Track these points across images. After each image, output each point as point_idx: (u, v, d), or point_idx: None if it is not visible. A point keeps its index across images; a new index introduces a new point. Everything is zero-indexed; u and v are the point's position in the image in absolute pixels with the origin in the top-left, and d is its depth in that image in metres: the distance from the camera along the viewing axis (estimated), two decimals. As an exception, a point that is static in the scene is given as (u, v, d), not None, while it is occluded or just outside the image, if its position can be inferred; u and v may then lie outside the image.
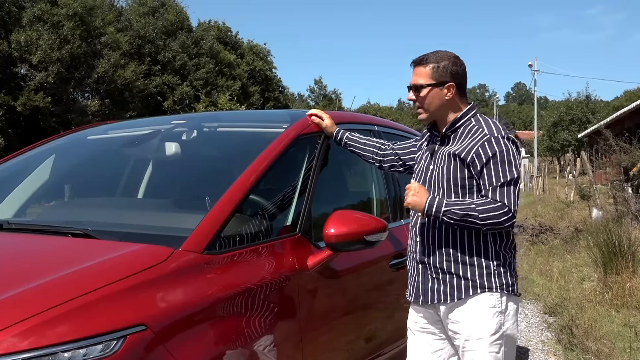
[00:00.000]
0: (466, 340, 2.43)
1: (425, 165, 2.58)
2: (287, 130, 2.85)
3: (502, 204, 2.30)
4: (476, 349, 2.41)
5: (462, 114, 2.49)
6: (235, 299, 2.17)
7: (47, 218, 2.97)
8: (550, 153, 46.14)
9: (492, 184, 2.33)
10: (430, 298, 2.50)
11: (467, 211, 2.30)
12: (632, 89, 66.06)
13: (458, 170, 2.41)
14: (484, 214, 2.28)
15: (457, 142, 2.46)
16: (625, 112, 24.97)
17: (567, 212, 15.02)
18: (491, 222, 2.29)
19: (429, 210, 2.34)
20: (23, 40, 23.22)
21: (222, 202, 2.36)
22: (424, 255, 2.51)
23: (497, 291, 2.41)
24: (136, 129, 3.65)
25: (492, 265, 2.41)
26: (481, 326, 2.41)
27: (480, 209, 2.29)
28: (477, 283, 2.40)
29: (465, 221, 2.31)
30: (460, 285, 2.42)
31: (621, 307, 6.19)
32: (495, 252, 2.42)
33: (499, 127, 2.46)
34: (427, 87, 2.46)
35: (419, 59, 2.51)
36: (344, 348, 2.81)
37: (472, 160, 2.37)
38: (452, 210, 2.31)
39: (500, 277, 2.42)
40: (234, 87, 34.20)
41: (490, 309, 2.41)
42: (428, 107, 2.49)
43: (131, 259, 2.06)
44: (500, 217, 2.29)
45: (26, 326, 1.70)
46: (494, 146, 2.36)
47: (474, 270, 2.41)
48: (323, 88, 59.62)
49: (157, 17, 32.22)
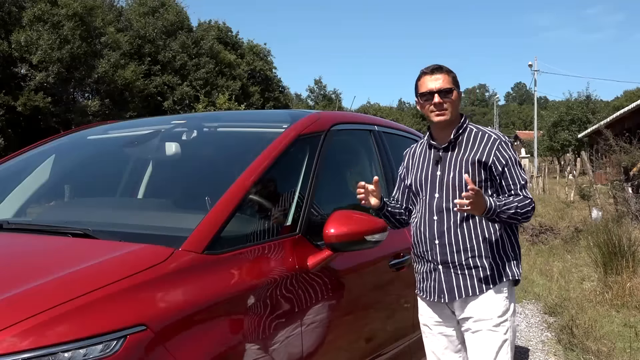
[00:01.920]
0: (475, 321, 2.66)
1: (430, 172, 2.75)
2: (287, 130, 2.85)
3: (531, 199, 2.63)
4: (484, 329, 2.65)
5: (463, 121, 2.75)
6: (236, 299, 2.17)
7: (47, 218, 2.97)
8: (551, 153, 46.10)
9: (517, 184, 2.64)
10: (457, 294, 2.68)
11: (513, 209, 2.57)
12: (632, 89, 66.12)
13: (476, 174, 2.64)
14: (523, 210, 2.59)
15: (469, 148, 2.68)
16: (626, 112, 24.98)
17: (567, 212, 15.03)
18: (526, 215, 2.62)
19: (488, 212, 2.53)
20: (23, 40, 23.20)
21: (222, 202, 2.36)
22: (446, 256, 2.68)
23: (510, 279, 2.69)
24: (136, 129, 3.65)
25: (511, 257, 2.70)
26: (490, 308, 2.65)
27: (520, 205, 2.58)
28: (501, 272, 2.67)
29: (513, 218, 2.59)
30: (485, 277, 2.64)
31: (621, 307, 6.19)
32: (511, 246, 2.72)
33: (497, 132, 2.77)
34: (455, 90, 2.71)
35: (438, 67, 2.74)
36: (345, 348, 2.81)
37: (493, 163, 2.64)
38: (504, 210, 2.55)
39: (518, 267, 2.73)
40: (234, 87, 34.19)
41: (499, 294, 2.66)
42: (453, 110, 2.71)
43: (131, 259, 2.06)
44: (531, 210, 2.63)
45: (26, 326, 1.69)
46: (508, 150, 2.67)
47: (498, 263, 2.67)
48: (323, 88, 59.55)
49: (157, 17, 32.21)
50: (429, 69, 2.73)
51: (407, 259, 3.22)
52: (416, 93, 2.77)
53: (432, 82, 2.69)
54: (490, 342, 2.65)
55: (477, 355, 2.67)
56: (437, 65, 2.74)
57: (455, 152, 2.70)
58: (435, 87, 2.67)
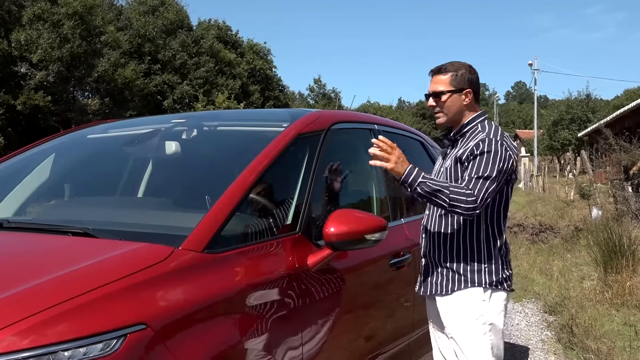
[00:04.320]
0: (452, 325, 2.68)
1: (438, 167, 2.85)
2: (287, 129, 2.85)
3: (472, 193, 2.47)
4: (460, 332, 2.65)
5: (469, 120, 2.71)
6: (236, 298, 2.17)
7: (47, 217, 2.96)
8: (551, 152, 46.06)
9: (470, 175, 2.52)
10: (429, 289, 2.77)
11: (439, 187, 2.45)
12: (632, 88, 66.11)
13: (459, 172, 2.62)
14: (453, 195, 2.44)
15: (462, 146, 2.68)
16: (626, 111, 24.96)
17: (567, 211, 15.03)
18: (457, 205, 2.45)
19: (406, 178, 2.46)
20: (23, 39, 23.20)
21: (222, 201, 2.36)
22: (427, 250, 2.79)
23: (483, 286, 2.64)
24: (136, 128, 3.64)
25: (483, 264, 2.64)
26: (465, 312, 2.64)
27: (452, 190, 2.45)
28: (468, 278, 2.64)
29: (435, 196, 2.45)
30: (454, 279, 2.67)
31: (621, 306, 6.20)
32: (487, 253, 2.64)
33: (498, 132, 2.64)
34: (447, 93, 2.68)
35: (437, 69, 2.73)
36: (345, 347, 2.81)
37: (466, 158, 2.58)
38: (427, 183, 2.45)
39: (490, 274, 2.64)
40: (234, 86, 34.20)
41: (474, 299, 2.64)
42: (447, 112, 2.70)
43: (131, 258, 2.06)
44: (466, 204, 2.45)
45: (26, 325, 1.69)
46: (485, 146, 2.55)
47: (467, 267, 2.64)
48: (323, 87, 59.62)
49: (157, 16, 32.23)
50: (431, 71, 2.77)
51: (407, 258, 3.22)
52: None
53: (430, 85, 2.74)
54: (465, 347, 2.64)
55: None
56: (438, 67, 2.75)
57: (453, 149, 2.75)
58: (429, 90, 2.74)
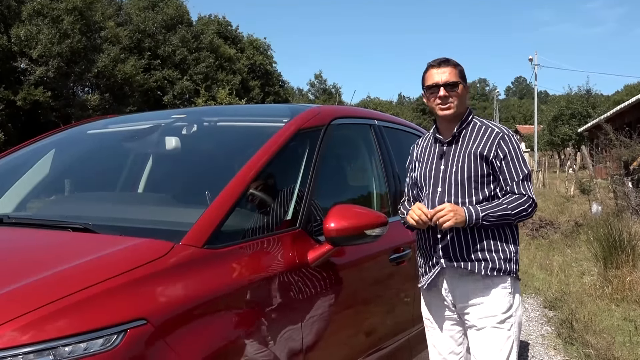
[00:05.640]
0: (479, 318, 2.65)
1: (434, 166, 2.75)
2: (288, 125, 2.84)
3: (527, 196, 2.60)
4: (487, 326, 2.63)
5: (467, 114, 2.73)
6: (236, 293, 2.17)
7: (47, 212, 2.97)
8: (551, 147, 46.09)
9: (514, 179, 2.61)
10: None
11: (501, 212, 2.56)
12: (632, 83, 66.09)
13: (479, 168, 2.63)
14: (515, 210, 2.58)
15: (472, 142, 2.67)
16: (626, 106, 24.97)
17: (567, 207, 15.04)
18: (522, 214, 2.60)
19: (471, 220, 2.55)
20: (23, 35, 23.15)
21: (222, 196, 2.35)
22: (448, 250, 2.66)
23: (510, 275, 2.66)
24: (136, 124, 3.65)
25: (511, 251, 2.66)
26: (495, 305, 2.63)
27: (511, 206, 2.57)
28: (503, 267, 2.63)
29: (500, 219, 2.57)
30: (486, 271, 2.62)
31: (621, 301, 6.20)
32: (513, 240, 2.69)
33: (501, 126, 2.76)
34: (461, 84, 2.69)
35: (446, 59, 2.72)
36: (344, 342, 2.82)
37: (494, 157, 2.62)
38: (488, 214, 2.56)
39: (516, 263, 2.69)
40: (234, 82, 34.15)
41: (502, 290, 2.65)
42: (459, 104, 2.69)
43: (131, 253, 2.06)
44: (527, 209, 2.60)
45: (26, 320, 1.69)
46: (509, 144, 2.64)
47: (499, 256, 2.63)
48: (323, 82, 59.53)
49: (156, 11, 32.15)
50: (436, 62, 2.72)
51: (407, 253, 3.22)
52: (423, 86, 2.76)
53: (438, 75, 2.68)
54: (494, 340, 2.63)
55: (482, 353, 2.66)
56: (444, 58, 2.73)
57: (459, 146, 2.70)
58: (441, 80, 2.67)
